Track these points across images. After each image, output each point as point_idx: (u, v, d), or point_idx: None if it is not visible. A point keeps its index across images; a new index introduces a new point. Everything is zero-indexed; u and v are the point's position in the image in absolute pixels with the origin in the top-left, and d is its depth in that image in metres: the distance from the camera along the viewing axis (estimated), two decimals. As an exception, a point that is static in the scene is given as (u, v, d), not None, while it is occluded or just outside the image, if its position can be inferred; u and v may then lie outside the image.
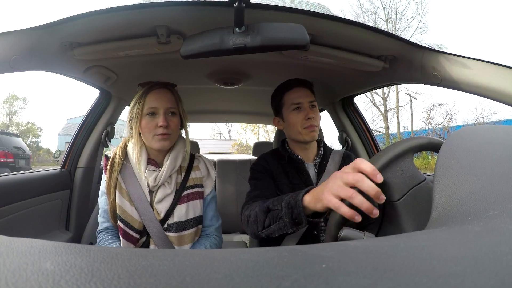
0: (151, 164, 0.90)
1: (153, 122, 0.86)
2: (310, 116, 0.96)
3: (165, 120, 0.86)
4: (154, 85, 0.91)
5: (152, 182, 0.87)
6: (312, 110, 0.98)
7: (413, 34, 14.87)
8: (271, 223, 0.71)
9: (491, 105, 12.65)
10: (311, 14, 0.76)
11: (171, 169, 0.90)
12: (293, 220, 0.65)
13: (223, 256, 0.19)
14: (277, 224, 0.69)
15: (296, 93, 0.99)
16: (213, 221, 0.99)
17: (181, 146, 0.95)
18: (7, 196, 1.07)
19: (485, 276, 0.14)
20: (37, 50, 0.80)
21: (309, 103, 0.99)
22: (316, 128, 0.98)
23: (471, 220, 0.24)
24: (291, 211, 0.64)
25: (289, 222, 0.65)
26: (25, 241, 0.20)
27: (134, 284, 0.14)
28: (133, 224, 0.86)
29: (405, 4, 17.83)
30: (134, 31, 0.84)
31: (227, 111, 2.18)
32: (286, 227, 0.66)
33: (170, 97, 0.90)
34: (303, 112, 0.97)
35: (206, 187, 0.98)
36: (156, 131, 0.86)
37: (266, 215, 0.72)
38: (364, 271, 0.16)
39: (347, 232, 0.47)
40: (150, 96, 0.88)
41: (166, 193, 0.88)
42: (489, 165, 0.28)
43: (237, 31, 0.66)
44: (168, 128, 0.86)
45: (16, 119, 20.22)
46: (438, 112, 23.43)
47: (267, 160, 1.02)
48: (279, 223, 0.68)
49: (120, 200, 0.86)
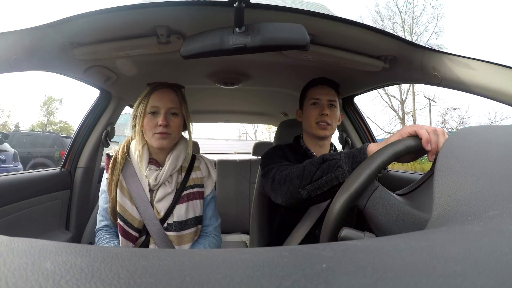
0: (152, 163, 0.91)
1: (154, 121, 0.87)
2: (324, 112, 1.00)
3: (165, 119, 0.87)
4: (159, 85, 0.92)
5: (153, 181, 0.88)
6: (330, 109, 1.02)
7: (429, 38, 14.82)
8: (323, 175, 0.69)
9: (504, 110, 12.70)
10: (311, 14, 0.76)
11: (172, 169, 0.90)
12: (353, 168, 0.64)
13: (223, 256, 0.19)
14: (333, 173, 0.67)
15: (318, 90, 1.04)
16: (212, 220, 1.00)
17: (183, 147, 0.95)
18: (7, 196, 1.07)
19: (485, 276, 0.14)
20: (37, 50, 0.80)
21: (328, 101, 1.02)
22: (329, 127, 1.00)
23: (471, 220, 0.23)
24: (353, 159, 0.65)
25: (349, 169, 0.65)
26: (25, 241, 0.20)
27: (134, 284, 0.14)
28: (133, 223, 0.86)
29: (421, 8, 17.73)
30: (134, 31, 0.84)
31: (227, 111, 2.18)
32: (344, 175, 0.65)
33: (173, 98, 0.90)
34: (319, 108, 1.02)
35: (207, 187, 0.98)
36: (156, 130, 0.87)
37: (318, 166, 0.70)
38: (364, 271, 0.16)
39: (347, 232, 0.47)
40: (153, 95, 0.89)
41: (166, 192, 0.89)
42: (489, 165, 0.28)
43: (237, 31, 0.66)
44: (167, 128, 0.87)
45: (53, 119, 21.16)
46: (452, 116, 23.75)
47: (283, 150, 1.04)
48: (335, 171, 0.66)
49: (121, 199, 0.87)
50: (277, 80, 1.37)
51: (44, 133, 9.17)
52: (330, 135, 1.04)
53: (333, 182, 0.68)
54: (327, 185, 0.69)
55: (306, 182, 0.71)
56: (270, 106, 2.01)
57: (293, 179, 0.75)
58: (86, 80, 1.19)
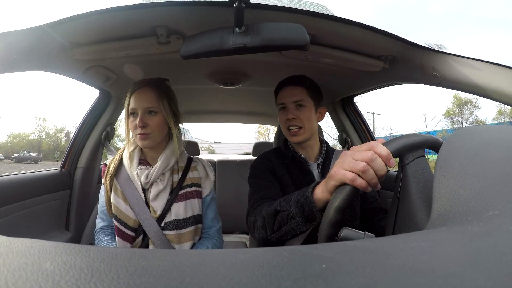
0: (143, 164, 0.92)
1: (134, 122, 0.88)
2: (289, 116, 0.93)
3: (141, 121, 0.86)
4: (138, 83, 0.91)
5: (144, 179, 0.88)
6: (298, 110, 0.94)
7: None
8: (282, 226, 0.68)
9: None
10: (311, 14, 0.76)
11: (164, 167, 0.91)
12: (305, 217, 0.62)
13: (222, 256, 0.19)
14: (288, 225, 0.65)
15: (282, 93, 0.97)
16: (214, 222, 0.99)
17: (177, 146, 0.95)
18: (7, 196, 1.07)
19: (485, 276, 0.14)
20: (37, 50, 0.80)
21: (293, 102, 0.94)
22: (301, 130, 0.93)
23: (471, 220, 0.23)
24: (302, 208, 0.62)
25: (302, 220, 0.62)
26: (25, 241, 0.20)
27: (134, 284, 0.14)
28: (128, 222, 0.87)
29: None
30: (134, 31, 0.84)
31: (227, 111, 2.18)
32: (299, 226, 0.64)
33: (150, 96, 0.88)
34: (286, 112, 0.95)
35: (204, 188, 0.98)
36: (136, 131, 0.87)
37: (274, 218, 0.70)
38: (364, 271, 0.16)
39: (347, 232, 0.47)
40: (133, 96, 0.89)
41: (159, 189, 0.89)
42: (489, 165, 0.28)
43: (237, 31, 0.66)
44: (146, 128, 0.87)
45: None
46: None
47: (270, 159, 0.99)
48: (290, 223, 0.65)
49: (115, 200, 0.89)
50: (277, 80, 1.36)
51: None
52: (305, 138, 0.95)
53: (293, 232, 0.66)
54: (290, 233, 0.67)
55: (270, 232, 0.72)
56: (270, 106, 2.00)
57: (259, 229, 0.76)
58: (85, 80, 1.19)
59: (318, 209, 0.60)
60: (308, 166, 0.97)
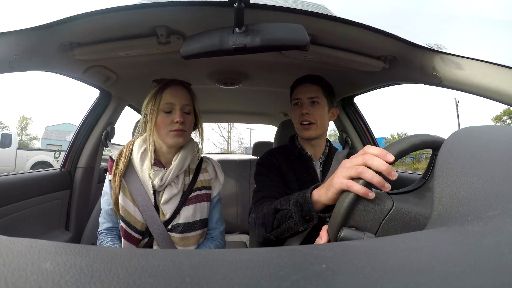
0: (156, 165, 0.89)
1: (169, 118, 0.86)
2: (303, 111, 0.96)
3: (182, 116, 0.85)
4: (171, 81, 0.90)
5: (158, 182, 0.85)
6: (312, 106, 0.97)
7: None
8: (280, 224, 0.70)
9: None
10: (311, 14, 0.76)
11: (179, 169, 0.89)
12: (303, 217, 0.65)
13: (222, 256, 0.19)
14: (287, 223, 0.68)
15: (298, 89, 1.00)
16: (219, 224, 0.99)
17: (191, 147, 0.94)
18: (7, 196, 1.07)
19: (485, 276, 0.14)
20: (37, 50, 0.80)
21: (309, 98, 0.97)
22: (313, 126, 0.96)
23: (471, 220, 0.23)
24: (300, 208, 0.65)
25: (299, 220, 0.65)
26: (25, 241, 0.20)
27: (134, 284, 0.14)
28: (135, 225, 0.85)
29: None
30: (134, 31, 0.84)
31: (227, 111, 2.18)
32: (297, 226, 0.66)
33: (186, 95, 0.90)
34: (300, 107, 0.98)
35: (214, 190, 0.97)
36: (172, 127, 0.85)
37: (274, 216, 0.72)
38: (364, 271, 0.16)
39: (347, 232, 0.47)
40: (166, 92, 0.87)
41: (172, 194, 0.87)
42: (489, 165, 0.28)
43: (237, 31, 0.66)
44: (184, 125, 0.86)
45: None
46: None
47: (275, 155, 1.01)
48: (289, 222, 0.68)
49: (123, 201, 0.86)
50: (277, 80, 1.37)
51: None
52: (317, 135, 0.97)
53: (291, 231, 0.69)
54: (288, 232, 0.70)
55: (270, 229, 0.74)
56: (270, 106, 2.01)
57: (259, 226, 0.78)
58: (86, 80, 1.19)
59: (316, 211, 0.63)
60: (312, 164, 1.00)
